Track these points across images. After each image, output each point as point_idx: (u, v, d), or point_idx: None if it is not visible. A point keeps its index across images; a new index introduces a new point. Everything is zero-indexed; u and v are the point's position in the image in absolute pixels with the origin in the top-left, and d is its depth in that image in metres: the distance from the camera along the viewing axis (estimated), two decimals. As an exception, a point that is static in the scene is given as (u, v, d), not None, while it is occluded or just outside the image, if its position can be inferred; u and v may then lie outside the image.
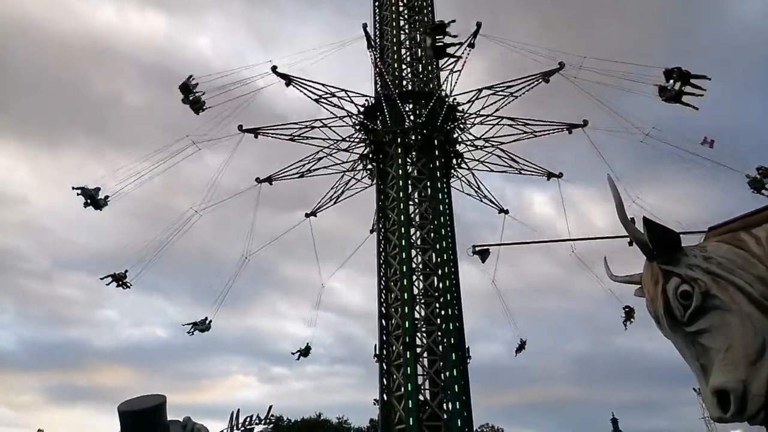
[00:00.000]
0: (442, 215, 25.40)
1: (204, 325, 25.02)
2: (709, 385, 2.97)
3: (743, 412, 2.87)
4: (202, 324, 24.95)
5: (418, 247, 25.36)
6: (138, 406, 2.61)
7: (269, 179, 28.93)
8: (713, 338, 3.01)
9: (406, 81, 28.37)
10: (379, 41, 29.62)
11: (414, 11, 29.98)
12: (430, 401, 22.78)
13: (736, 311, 2.99)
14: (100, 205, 22.51)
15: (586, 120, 26.97)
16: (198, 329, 24.90)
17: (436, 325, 23.70)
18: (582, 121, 27.18)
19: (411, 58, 29.10)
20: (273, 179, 28.98)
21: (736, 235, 3.29)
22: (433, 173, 26.02)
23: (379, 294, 25.17)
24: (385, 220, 26.21)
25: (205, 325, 25.08)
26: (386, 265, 25.46)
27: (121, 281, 23.34)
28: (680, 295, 3.12)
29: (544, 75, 26.04)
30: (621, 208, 3.45)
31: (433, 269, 24.76)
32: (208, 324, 25.18)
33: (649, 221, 3.24)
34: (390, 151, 26.51)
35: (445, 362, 22.72)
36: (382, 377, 23.46)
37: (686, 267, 3.17)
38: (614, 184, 3.58)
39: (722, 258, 3.16)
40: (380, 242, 26.14)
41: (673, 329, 3.19)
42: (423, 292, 24.69)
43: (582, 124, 27.19)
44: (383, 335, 24.21)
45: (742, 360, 2.89)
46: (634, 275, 3.67)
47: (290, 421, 48.11)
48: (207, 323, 25.15)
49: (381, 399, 23.43)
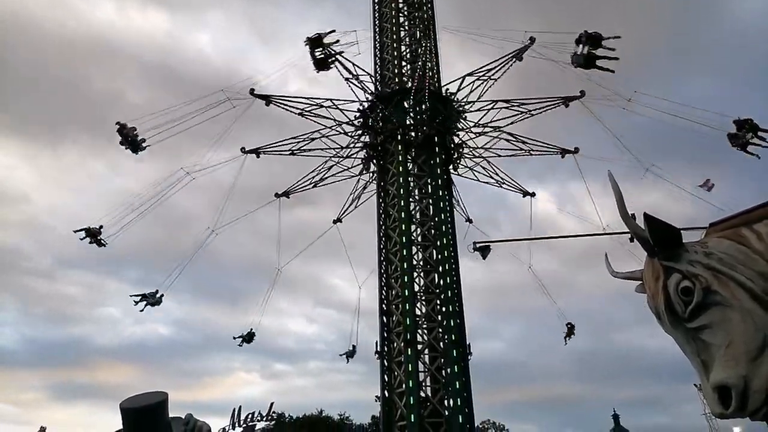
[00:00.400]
0: (442, 212, 25.40)
1: (154, 299, 23.84)
2: (710, 381, 2.97)
3: (744, 408, 2.87)
4: (152, 297, 23.78)
5: (419, 244, 25.36)
6: (140, 403, 2.61)
7: (257, 151, 28.53)
8: (714, 334, 3.01)
9: (406, 78, 28.33)
10: (378, 38, 29.61)
11: (414, 8, 29.93)
12: (432, 398, 22.81)
13: (737, 307, 2.99)
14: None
15: (577, 147, 27.09)
16: (149, 303, 23.76)
17: (437, 321, 23.72)
18: (573, 149, 27.19)
19: (411, 54, 29.07)
20: (261, 151, 28.57)
21: (737, 231, 3.28)
22: (434, 170, 26.02)
23: (380, 291, 25.19)
24: (386, 217, 26.22)
25: (155, 299, 23.87)
26: (387, 262, 25.48)
27: (96, 237, 22.86)
28: (681, 291, 3.12)
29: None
30: (622, 203, 3.44)
31: (434, 266, 24.77)
32: (159, 298, 23.95)
33: (650, 217, 3.23)
34: (390, 149, 26.52)
35: (446, 359, 22.74)
36: (384, 374, 23.50)
37: (687, 263, 3.17)
38: (614, 179, 3.57)
39: (723, 254, 3.16)
40: (381, 239, 26.16)
41: (674, 325, 3.19)
42: (424, 289, 24.70)
43: (573, 151, 27.19)
44: (384, 332, 24.24)
45: (743, 356, 2.89)
46: (635, 271, 3.67)
47: (292, 417, 48.24)
48: (158, 297, 23.91)
49: (382, 396, 23.47)
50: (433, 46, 28.99)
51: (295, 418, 48.19)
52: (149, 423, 2.60)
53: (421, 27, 29.33)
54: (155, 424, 2.62)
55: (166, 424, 2.67)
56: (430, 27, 29.37)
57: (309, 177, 29.30)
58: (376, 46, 29.48)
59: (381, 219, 26.51)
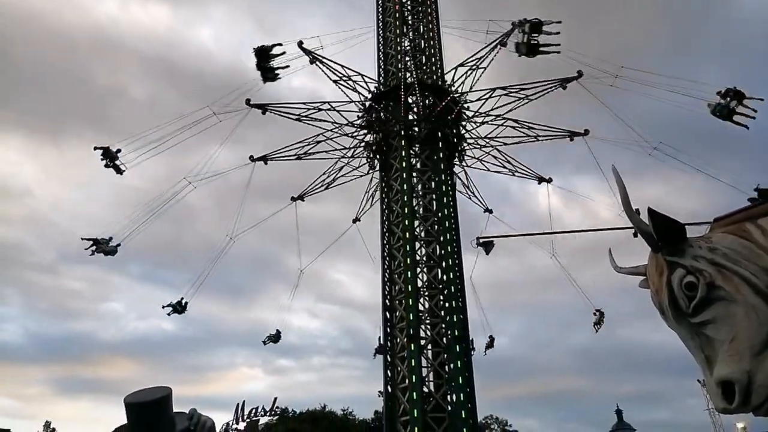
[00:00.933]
0: (446, 207, 25.39)
1: (107, 246, 23.11)
2: (713, 376, 2.96)
3: (748, 403, 2.86)
4: (105, 244, 23.04)
5: (422, 239, 25.36)
6: (144, 398, 2.62)
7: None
8: (718, 329, 3.00)
9: (410, 73, 28.27)
10: (382, 33, 29.53)
11: (418, 2, 29.83)
12: (435, 393, 22.87)
13: (741, 302, 2.98)
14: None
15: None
16: (102, 251, 23.05)
17: (440, 317, 23.74)
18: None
19: (415, 49, 29.00)
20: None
21: (741, 226, 3.27)
22: (437, 165, 25.99)
23: (383, 287, 25.22)
24: (389, 212, 26.22)
25: (109, 248, 23.20)
26: (390, 257, 25.50)
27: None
28: (685, 287, 3.11)
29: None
30: (626, 198, 3.43)
31: (437, 261, 24.79)
32: (115, 247, 23.34)
33: (654, 212, 3.22)
34: (394, 143, 26.48)
35: (449, 354, 22.78)
36: (387, 369, 23.54)
37: (691, 258, 3.15)
38: (619, 175, 3.56)
39: (727, 249, 3.15)
40: (384, 235, 26.18)
41: (677, 320, 3.18)
42: (427, 284, 24.72)
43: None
44: (387, 327, 24.28)
45: (747, 351, 2.88)
46: (639, 267, 3.65)
47: (295, 412, 48.35)
48: (113, 246, 23.30)
49: (385, 391, 23.54)
50: (436, 41, 28.93)
51: (298, 413, 48.33)
52: (153, 418, 2.61)
53: (424, 21, 29.26)
54: (159, 419, 2.63)
55: (170, 419, 2.68)
56: (433, 21, 29.28)
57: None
58: (380, 41, 29.42)
59: (384, 214, 26.51)
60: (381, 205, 27.00)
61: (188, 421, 2.72)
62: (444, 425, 21.65)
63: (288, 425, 44.45)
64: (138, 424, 2.61)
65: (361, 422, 50.33)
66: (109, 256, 23.03)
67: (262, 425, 32.66)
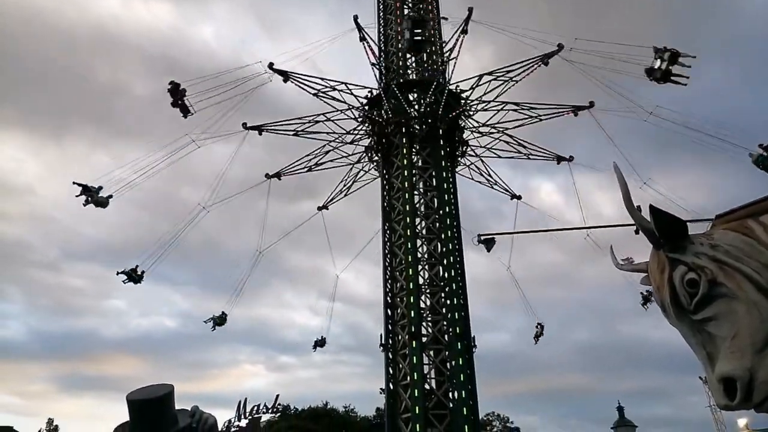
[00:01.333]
0: (447, 204, 25.37)
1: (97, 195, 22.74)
2: (715, 372, 2.96)
3: (749, 399, 2.86)
4: (96, 192, 22.76)
5: (424, 236, 25.37)
6: (146, 395, 2.63)
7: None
8: (720, 326, 2.99)
9: (411, 70, 28.24)
10: (383, 30, 29.47)
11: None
12: (436, 390, 22.90)
13: (743, 299, 2.97)
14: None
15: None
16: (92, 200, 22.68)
17: (441, 314, 23.76)
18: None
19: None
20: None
21: (743, 223, 3.26)
22: (438, 162, 25.97)
23: (384, 284, 25.24)
24: (390, 210, 26.22)
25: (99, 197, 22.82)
26: (392, 255, 25.51)
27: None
28: (687, 284, 3.10)
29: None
30: (627, 195, 3.42)
31: (439, 259, 24.79)
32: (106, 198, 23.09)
33: (656, 209, 3.21)
34: (395, 141, 26.47)
35: (450, 351, 22.80)
36: (388, 366, 23.58)
37: (693, 255, 3.15)
38: (620, 171, 3.55)
39: (729, 246, 3.14)
40: (385, 232, 26.19)
41: (679, 317, 3.18)
42: (428, 281, 24.74)
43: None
44: (389, 325, 24.31)
45: (749, 348, 2.88)
46: (641, 263, 3.65)
47: (297, 409, 48.41)
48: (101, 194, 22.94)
49: (387, 388, 23.57)
50: (438, 39, 28.85)
51: (300, 410, 48.40)
52: (155, 415, 2.62)
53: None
54: (161, 416, 2.63)
55: (172, 416, 2.68)
56: (434, 18, 29.21)
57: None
58: (381, 39, 29.36)
59: (385, 212, 26.52)
60: (382, 203, 27.01)
61: (190, 419, 2.72)
62: (446, 422, 21.69)
63: (290, 422, 44.49)
64: (140, 421, 2.62)
65: (363, 419, 50.37)
66: (100, 208, 22.66)
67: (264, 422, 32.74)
